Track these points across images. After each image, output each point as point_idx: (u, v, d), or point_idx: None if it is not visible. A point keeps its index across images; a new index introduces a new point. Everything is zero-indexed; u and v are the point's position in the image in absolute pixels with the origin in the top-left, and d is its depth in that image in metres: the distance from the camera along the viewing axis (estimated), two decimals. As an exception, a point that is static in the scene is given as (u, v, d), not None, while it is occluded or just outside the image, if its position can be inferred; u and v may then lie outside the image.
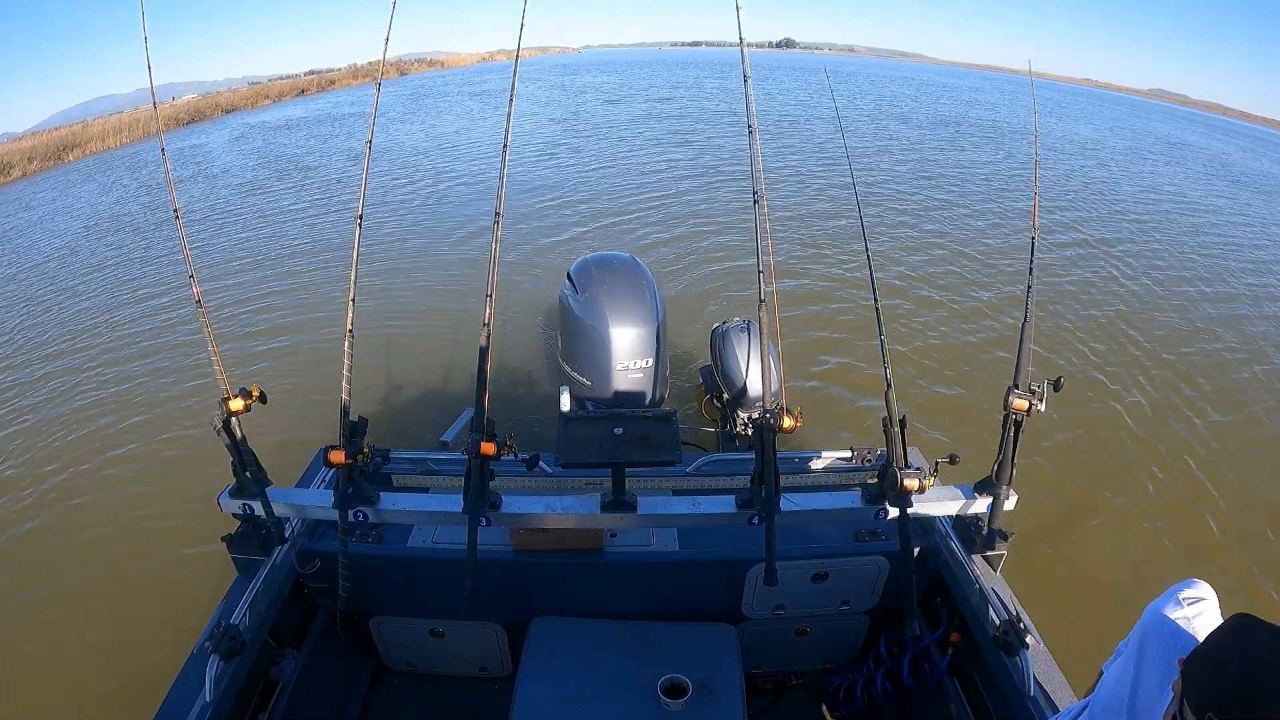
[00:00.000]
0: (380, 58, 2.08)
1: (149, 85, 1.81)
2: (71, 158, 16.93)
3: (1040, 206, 2.01)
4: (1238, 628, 0.89)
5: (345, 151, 14.42)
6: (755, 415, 1.74)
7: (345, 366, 1.75)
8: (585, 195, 10.01)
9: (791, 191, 10.21)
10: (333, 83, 32.63)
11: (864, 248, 1.97)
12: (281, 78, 37.69)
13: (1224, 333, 6.46)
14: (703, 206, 9.37)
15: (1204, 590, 1.17)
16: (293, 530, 2.09)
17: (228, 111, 23.96)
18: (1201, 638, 1.01)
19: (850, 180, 5.35)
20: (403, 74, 37.82)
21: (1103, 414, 4.95)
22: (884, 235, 8.37)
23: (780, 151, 13.10)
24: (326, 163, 13.37)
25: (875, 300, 1.91)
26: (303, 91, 29.62)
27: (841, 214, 8.99)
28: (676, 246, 7.83)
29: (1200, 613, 1.13)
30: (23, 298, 7.38)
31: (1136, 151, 18.99)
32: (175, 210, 1.85)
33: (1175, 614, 1.14)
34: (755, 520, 1.79)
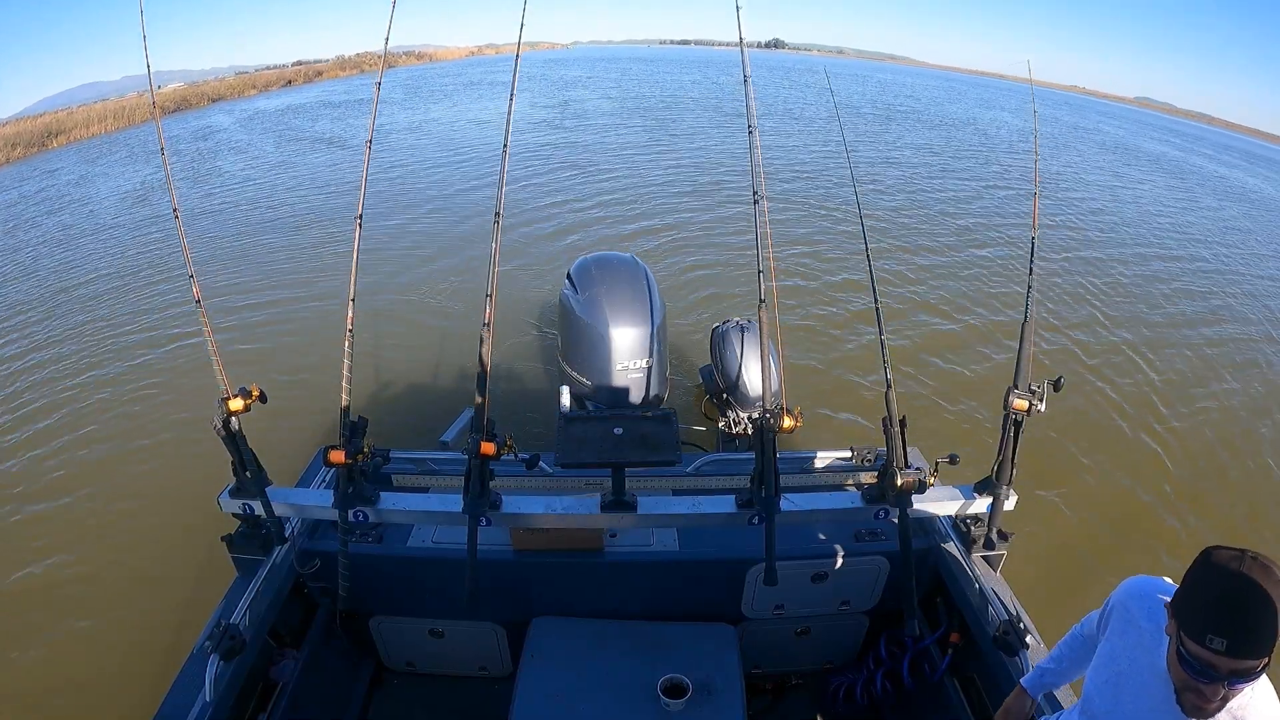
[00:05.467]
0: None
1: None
2: (55, 144, 16.79)
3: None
4: (1204, 558, 1.00)
5: (339, 143, 14.41)
6: (755, 415, 1.74)
7: (345, 366, 1.75)
8: (585, 195, 10.00)
9: (792, 191, 10.21)
10: (320, 74, 32.45)
11: (864, 247, 1.97)
12: (268, 68, 37.45)
13: (1230, 330, 6.46)
14: (703, 205, 9.37)
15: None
16: (293, 530, 2.09)
17: (214, 100, 23.78)
18: None
19: (850, 181, 5.36)
20: (390, 67, 37.78)
21: (1104, 414, 4.95)
22: (884, 235, 8.36)
23: (779, 151, 13.11)
24: (322, 160, 13.37)
25: (875, 300, 1.91)
26: (289, 82, 29.44)
27: (842, 214, 8.98)
28: (677, 246, 7.82)
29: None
30: (22, 298, 7.37)
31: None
32: (175, 210, 1.86)
33: (1151, 585, 1.20)
34: (755, 520, 1.79)
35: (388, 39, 2.06)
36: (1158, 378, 5.50)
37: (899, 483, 1.73)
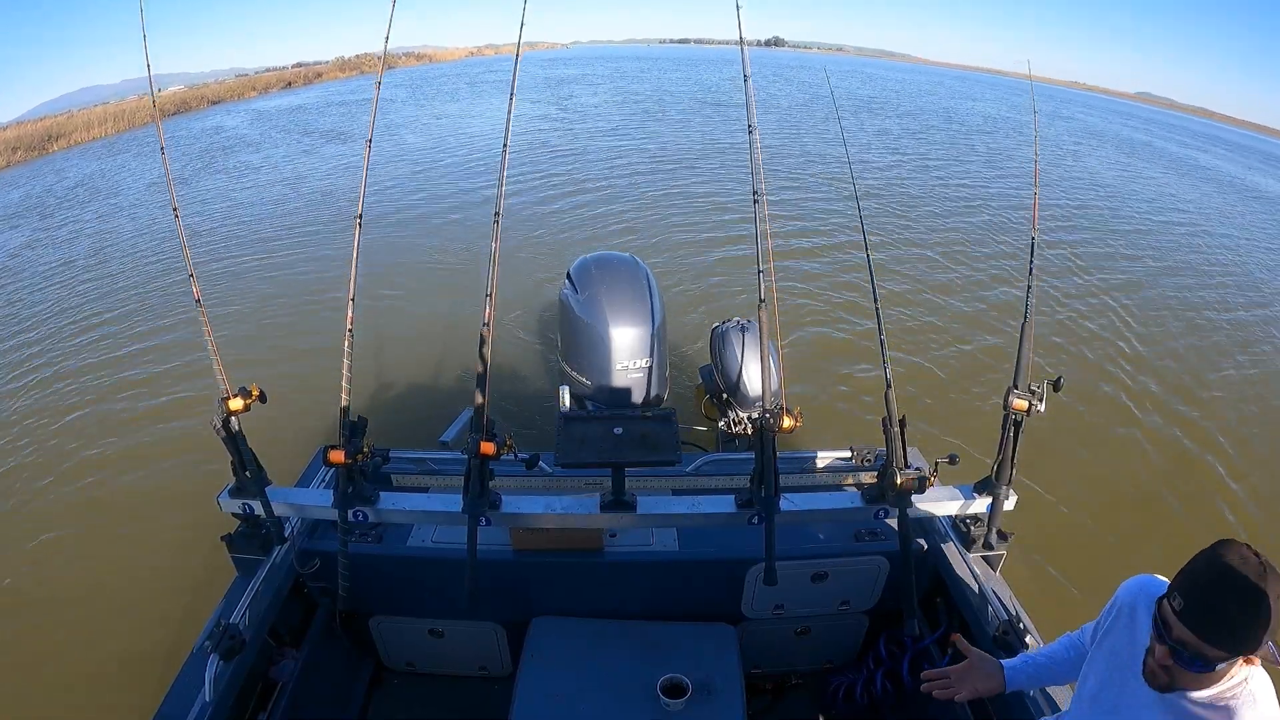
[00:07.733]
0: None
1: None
2: (56, 148, 16.91)
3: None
4: (1219, 542, 1.02)
5: (343, 138, 14.42)
6: (755, 415, 1.73)
7: (345, 366, 1.75)
8: (586, 195, 10.00)
9: (793, 191, 10.21)
10: (319, 75, 32.62)
11: (864, 248, 1.97)
12: (269, 70, 37.51)
13: (1230, 328, 6.46)
14: (703, 205, 9.37)
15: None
16: (292, 530, 2.09)
17: (214, 103, 23.86)
18: None
19: (850, 181, 5.36)
20: (390, 68, 37.90)
21: (1103, 413, 4.95)
22: (885, 235, 8.36)
23: (778, 151, 13.11)
24: (323, 161, 13.37)
25: (875, 300, 1.91)
26: (289, 84, 29.57)
27: (842, 214, 8.98)
28: (677, 245, 7.82)
29: None
30: (20, 298, 7.37)
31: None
32: (174, 209, 1.85)
33: (1152, 583, 1.22)
34: (755, 520, 1.79)
35: (388, 36, 2.05)
36: (1158, 375, 5.50)
37: (899, 483, 1.72)
